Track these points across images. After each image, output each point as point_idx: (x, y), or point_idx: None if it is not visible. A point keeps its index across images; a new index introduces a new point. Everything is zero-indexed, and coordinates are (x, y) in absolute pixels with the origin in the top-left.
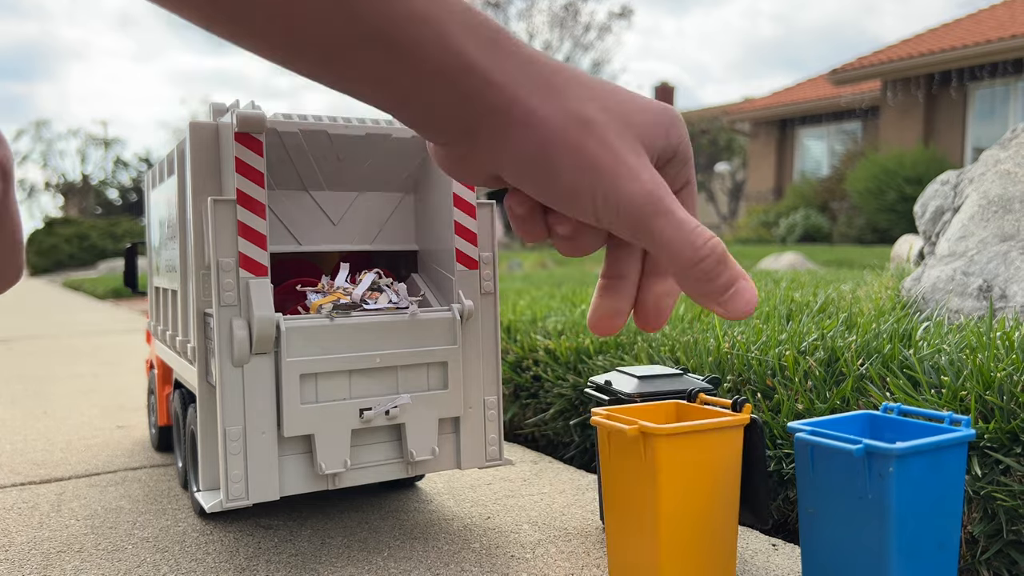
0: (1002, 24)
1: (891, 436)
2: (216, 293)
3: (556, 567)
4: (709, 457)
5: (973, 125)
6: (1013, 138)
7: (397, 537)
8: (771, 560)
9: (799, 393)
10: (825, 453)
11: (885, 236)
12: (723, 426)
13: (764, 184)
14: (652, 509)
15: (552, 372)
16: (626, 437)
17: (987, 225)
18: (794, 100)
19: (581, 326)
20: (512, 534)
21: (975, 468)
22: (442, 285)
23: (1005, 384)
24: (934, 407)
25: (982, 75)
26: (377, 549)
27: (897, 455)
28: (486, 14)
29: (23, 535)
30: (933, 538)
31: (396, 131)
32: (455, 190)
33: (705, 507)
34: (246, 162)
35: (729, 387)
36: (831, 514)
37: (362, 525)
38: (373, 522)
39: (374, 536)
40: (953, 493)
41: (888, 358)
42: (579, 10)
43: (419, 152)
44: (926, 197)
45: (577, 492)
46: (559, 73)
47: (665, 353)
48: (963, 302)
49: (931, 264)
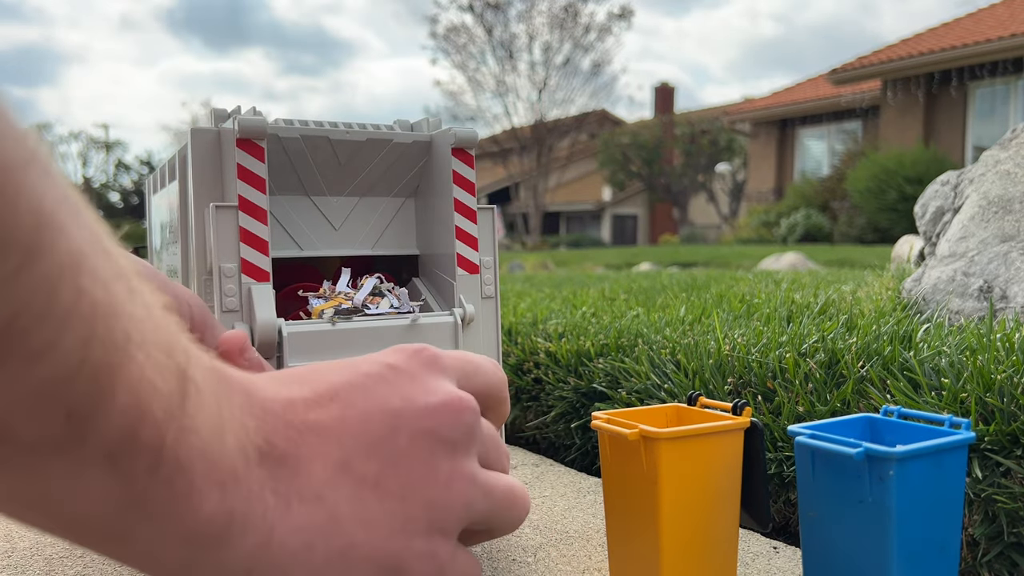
0: (1002, 23)
1: (891, 439)
2: (218, 298)
3: (557, 571)
4: (710, 460)
5: (973, 124)
6: (1013, 138)
7: None
8: (772, 563)
9: (800, 395)
10: (826, 456)
11: (886, 236)
12: (723, 429)
13: (765, 184)
14: (653, 512)
15: (553, 375)
16: (627, 441)
17: (987, 226)
18: (794, 100)
19: (582, 328)
20: (513, 537)
21: (976, 470)
22: (443, 289)
23: (1005, 386)
24: (935, 409)
25: (982, 74)
26: None
27: (897, 458)
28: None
29: (25, 540)
30: (934, 541)
31: (397, 136)
32: (456, 195)
33: (706, 510)
34: (248, 168)
35: (730, 390)
36: (832, 517)
37: None
38: None
39: None
40: (954, 496)
41: (888, 360)
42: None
43: (420, 157)
44: (926, 197)
45: (578, 495)
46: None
47: (666, 356)
48: (964, 303)
49: (931, 265)
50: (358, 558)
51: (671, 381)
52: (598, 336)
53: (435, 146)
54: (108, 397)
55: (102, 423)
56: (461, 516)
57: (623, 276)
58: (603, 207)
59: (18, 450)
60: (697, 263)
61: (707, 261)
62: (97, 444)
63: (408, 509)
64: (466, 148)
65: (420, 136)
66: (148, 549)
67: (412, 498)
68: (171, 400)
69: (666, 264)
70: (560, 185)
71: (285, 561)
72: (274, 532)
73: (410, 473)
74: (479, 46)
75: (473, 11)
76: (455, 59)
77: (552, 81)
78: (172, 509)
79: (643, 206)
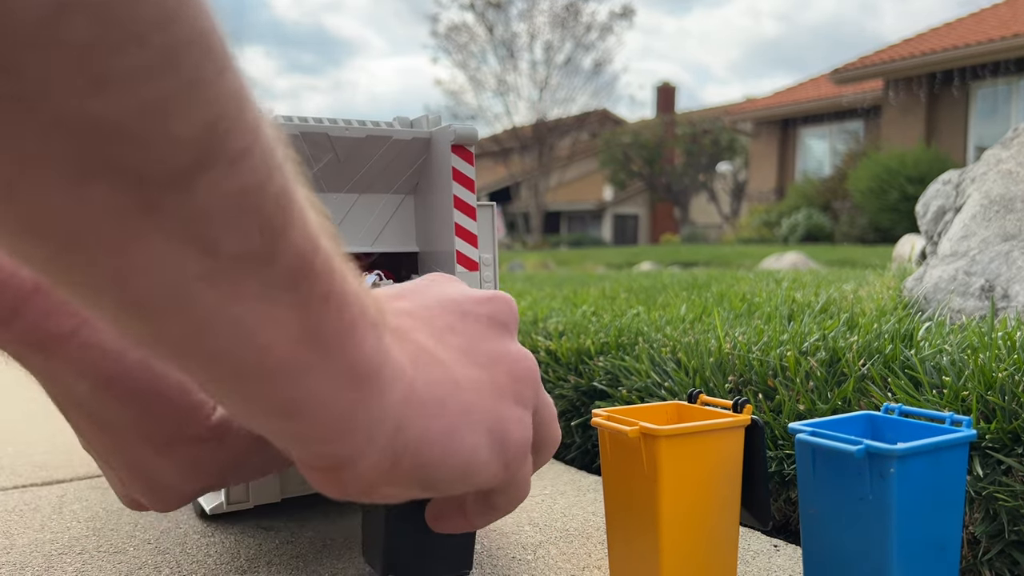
0: (1004, 23)
1: (892, 437)
2: None
3: (557, 568)
4: (710, 458)
5: (975, 124)
6: (1015, 137)
7: None
8: (772, 561)
9: (800, 394)
10: (826, 454)
11: (887, 236)
12: (724, 427)
13: (766, 184)
14: (653, 510)
15: (553, 373)
16: (627, 438)
17: (989, 225)
18: (796, 100)
19: (582, 327)
20: (513, 535)
21: (976, 468)
22: None
23: (1007, 384)
24: (936, 407)
25: (984, 74)
26: None
27: (898, 456)
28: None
29: (24, 537)
30: (935, 539)
31: (396, 133)
32: (455, 192)
33: (706, 508)
34: None
35: (730, 388)
36: (832, 515)
37: None
38: None
39: None
40: (954, 494)
41: (890, 358)
42: (580, 10)
43: (420, 154)
44: (928, 197)
45: (578, 493)
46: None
47: (666, 354)
48: (965, 302)
49: (933, 264)
50: (476, 417)
51: (671, 379)
52: (599, 334)
53: (434, 143)
54: (290, 220)
55: (287, 244)
56: (534, 390)
57: (624, 275)
58: (604, 207)
59: (222, 265)
60: (698, 263)
61: (708, 261)
62: (284, 265)
63: (496, 378)
64: (466, 145)
65: (420, 133)
66: (319, 390)
67: (496, 368)
68: (332, 244)
69: (667, 263)
70: (561, 184)
71: (426, 416)
72: (415, 385)
73: (488, 348)
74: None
75: (474, 10)
76: (456, 58)
77: (553, 80)
78: (341, 342)
79: (644, 206)
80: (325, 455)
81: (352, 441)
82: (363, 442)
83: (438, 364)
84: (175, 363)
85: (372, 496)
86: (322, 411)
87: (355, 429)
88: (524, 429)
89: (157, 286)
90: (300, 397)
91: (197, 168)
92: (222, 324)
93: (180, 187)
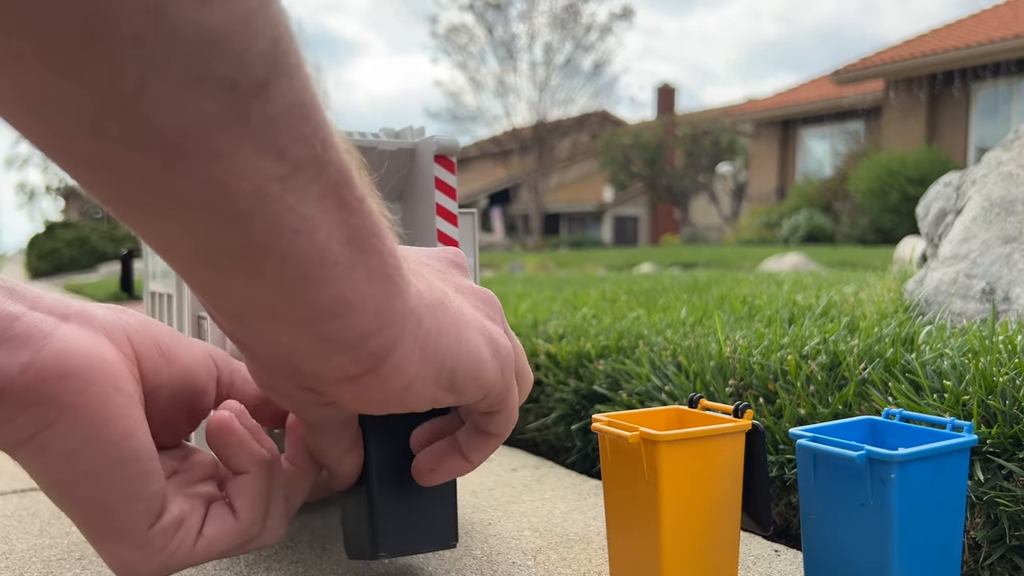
0: (1005, 23)
1: (893, 442)
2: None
3: (557, 574)
4: (711, 463)
5: (976, 125)
6: (1016, 139)
7: None
8: (773, 566)
9: (801, 398)
10: (827, 459)
11: (888, 237)
12: (725, 432)
13: (767, 185)
14: (653, 515)
15: (553, 376)
16: (627, 443)
17: (990, 227)
18: (796, 100)
19: (582, 329)
20: (513, 540)
21: (977, 473)
22: None
23: (1008, 389)
24: (936, 412)
25: (985, 75)
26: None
27: (899, 461)
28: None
29: (23, 542)
30: (936, 544)
31: (382, 143)
32: (438, 200)
33: (707, 513)
34: None
35: (731, 392)
36: (833, 520)
37: None
38: None
39: None
40: (955, 499)
41: (890, 362)
42: (580, 11)
43: (405, 164)
44: (928, 199)
45: (579, 497)
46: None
47: (667, 358)
48: (966, 305)
49: (934, 266)
50: (469, 319)
51: (672, 383)
52: (599, 338)
53: (418, 153)
54: (331, 133)
55: (334, 153)
56: (502, 316)
57: (624, 277)
58: (604, 208)
59: (290, 170)
60: (699, 264)
61: (708, 262)
62: (333, 170)
63: (478, 304)
64: (448, 155)
65: (404, 143)
66: (363, 285)
67: (475, 298)
68: (352, 158)
69: (667, 265)
70: (561, 186)
71: (435, 311)
72: (420, 285)
73: (455, 280)
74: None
75: (474, 11)
76: (456, 59)
77: (553, 81)
78: (375, 241)
79: (644, 207)
80: (369, 351)
81: (391, 331)
82: (398, 331)
83: (435, 287)
84: (251, 274)
85: (406, 399)
86: (369, 303)
87: (393, 319)
88: (506, 340)
89: (246, 189)
90: (349, 292)
91: (272, 76)
92: (294, 221)
93: (261, 94)
